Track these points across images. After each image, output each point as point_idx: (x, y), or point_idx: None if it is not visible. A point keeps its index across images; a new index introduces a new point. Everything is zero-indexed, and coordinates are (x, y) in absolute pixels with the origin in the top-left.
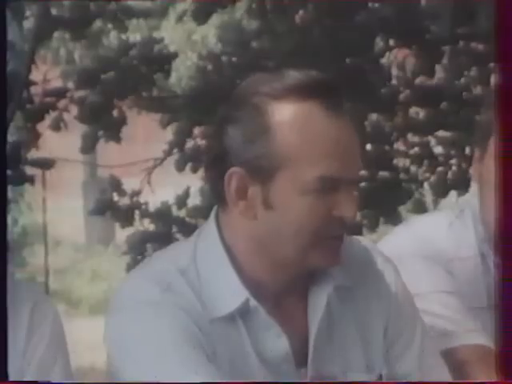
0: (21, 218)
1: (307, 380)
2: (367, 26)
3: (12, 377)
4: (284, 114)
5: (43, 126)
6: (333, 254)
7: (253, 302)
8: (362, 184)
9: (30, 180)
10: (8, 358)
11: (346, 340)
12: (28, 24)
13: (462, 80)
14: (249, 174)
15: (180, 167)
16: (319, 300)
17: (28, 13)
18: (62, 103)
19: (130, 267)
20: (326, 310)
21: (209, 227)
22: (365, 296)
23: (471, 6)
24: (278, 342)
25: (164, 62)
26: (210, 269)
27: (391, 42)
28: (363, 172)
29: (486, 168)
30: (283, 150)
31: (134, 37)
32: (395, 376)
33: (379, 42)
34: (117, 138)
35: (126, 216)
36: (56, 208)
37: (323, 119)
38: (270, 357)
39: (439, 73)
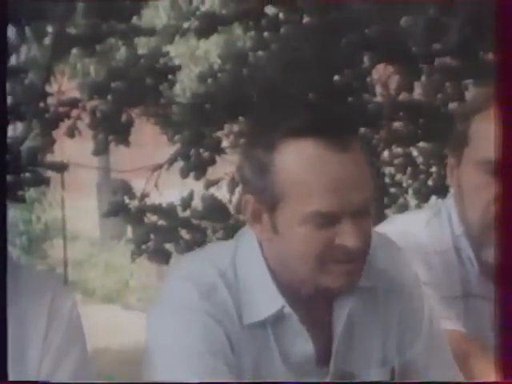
0: (43, 215)
1: (328, 379)
2: (354, 46)
3: (34, 357)
4: (286, 151)
5: (59, 133)
6: (343, 278)
7: (288, 310)
8: None
9: (46, 182)
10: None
11: (366, 339)
12: (47, 41)
13: (439, 96)
14: (259, 202)
15: (184, 175)
16: (344, 304)
17: (48, 31)
18: (75, 112)
19: (135, 254)
20: (349, 314)
21: (250, 233)
22: (384, 293)
23: (443, 22)
24: (304, 348)
25: (169, 73)
26: (249, 272)
27: (376, 61)
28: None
29: (462, 173)
30: (284, 185)
31: (143, 51)
32: (405, 363)
33: (366, 62)
34: (126, 142)
35: (136, 218)
36: (74, 206)
37: (322, 157)
38: (295, 359)
39: (418, 89)
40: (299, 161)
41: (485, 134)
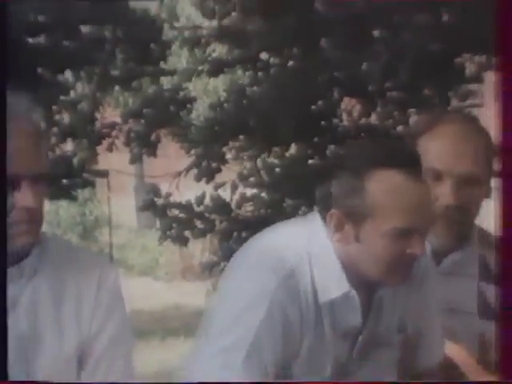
0: (94, 210)
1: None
2: (326, 84)
3: (86, 316)
4: (375, 178)
5: (102, 149)
6: (405, 276)
7: (352, 292)
8: None
9: (92, 185)
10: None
11: (390, 310)
12: (95, 80)
13: (389, 121)
14: (345, 215)
15: (198, 179)
16: (384, 287)
17: (96, 72)
18: (114, 133)
19: (161, 239)
20: (385, 292)
21: (321, 226)
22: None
23: (394, 66)
24: (355, 321)
25: (187, 103)
26: (322, 261)
27: (342, 95)
28: None
29: None
30: (372, 205)
31: (167, 86)
32: (415, 328)
33: (335, 95)
34: (154, 154)
35: (162, 212)
36: (117, 204)
37: (403, 184)
38: (343, 328)
39: (374, 116)
40: (384, 188)
41: (429, 150)
